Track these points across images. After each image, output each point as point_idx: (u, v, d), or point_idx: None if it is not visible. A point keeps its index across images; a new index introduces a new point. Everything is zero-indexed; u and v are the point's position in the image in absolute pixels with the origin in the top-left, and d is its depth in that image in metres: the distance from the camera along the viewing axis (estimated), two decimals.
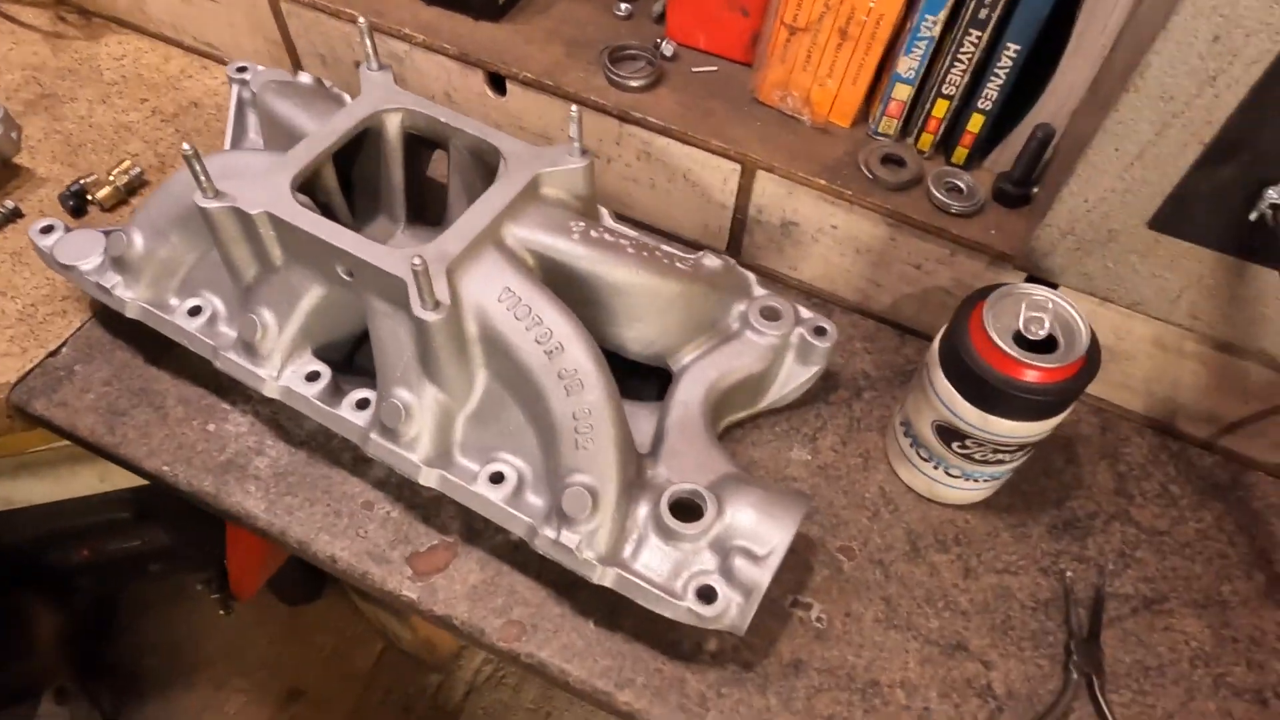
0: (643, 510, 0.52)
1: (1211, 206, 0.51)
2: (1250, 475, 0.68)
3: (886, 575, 0.60)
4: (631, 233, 0.62)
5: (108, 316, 0.67)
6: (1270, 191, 0.48)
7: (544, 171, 0.56)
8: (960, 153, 0.66)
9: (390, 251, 0.50)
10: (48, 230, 0.64)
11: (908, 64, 0.63)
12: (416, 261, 0.45)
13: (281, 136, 0.63)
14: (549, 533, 0.50)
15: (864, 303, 0.73)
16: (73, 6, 0.91)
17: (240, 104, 0.72)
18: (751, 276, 0.65)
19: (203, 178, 0.50)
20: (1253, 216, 0.50)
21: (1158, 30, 0.46)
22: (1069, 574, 0.61)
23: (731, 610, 0.50)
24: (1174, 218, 0.53)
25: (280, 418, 0.63)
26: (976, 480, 0.61)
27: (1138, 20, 0.53)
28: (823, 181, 0.65)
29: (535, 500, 0.53)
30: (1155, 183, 0.52)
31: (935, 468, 0.61)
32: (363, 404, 0.56)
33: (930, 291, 0.69)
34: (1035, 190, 0.64)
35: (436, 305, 0.48)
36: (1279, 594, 0.62)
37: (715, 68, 0.72)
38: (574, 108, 0.55)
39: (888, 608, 0.59)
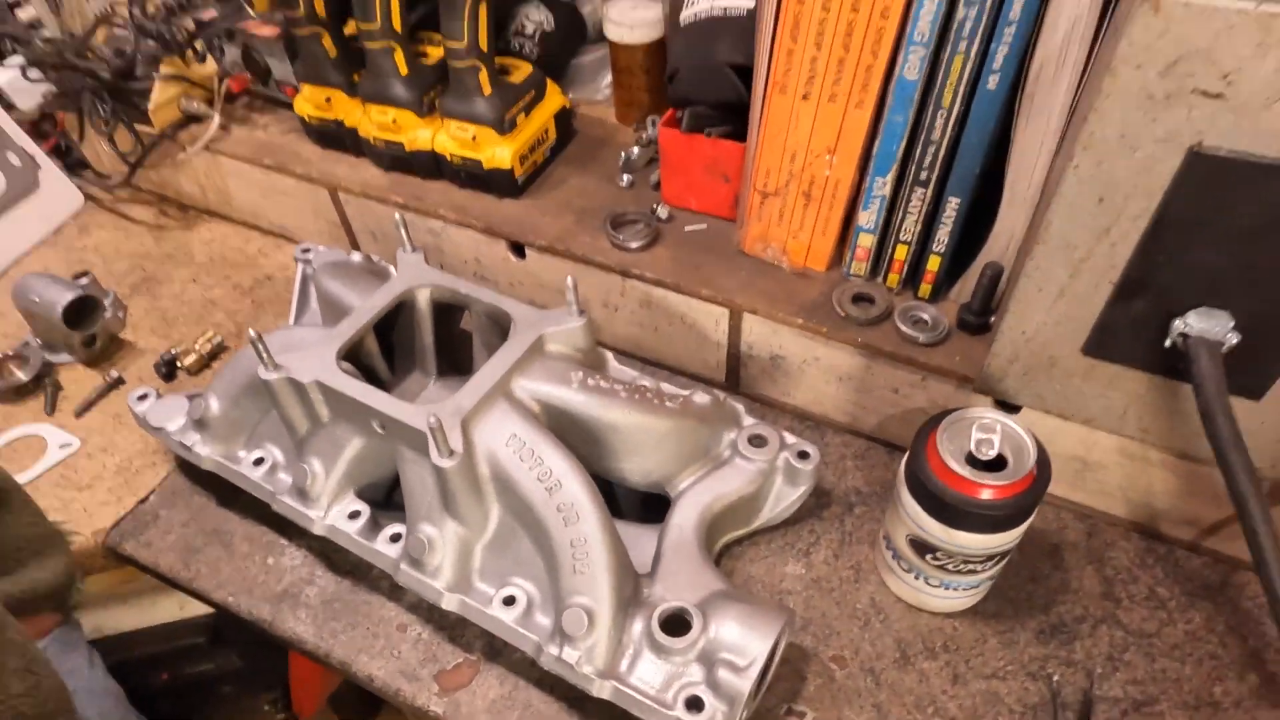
0: (638, 626, 0.58)
1: (1133, 335, 0.57)
2: (1240, 575, 0.70)
3: (877, 683, 0.64)
4: (630, 374, 0.71)
5: (187, 467, 0.78)
6: (1177, 322, 0.55)
7: (548, 331, 0.66)
8: (925, 288, 0.74)
9: (414, 409, 0.59)
10: (143, 398, 0.76)
11: (867, 217, 0.72)
12: (432, 419, 0.55)
13: (334, 310, 0.75)
14: (553, 650, 0.57)
15: (853, 424, 0.80)
16: (173, 203, 1.08)
17: (304, 280, 0.85)
18: (740, 407, 0.72)
19: (265, 355, 0.61)
20: (1167, 344, 0.56)
21: (1054, 192, 0.54)
22: (1056, 678, 0.64)
23: (718, 719, 0.55)
24: (1103, 345, 0.59)
25: (328, 550, 0.72)
26: (957, 589, 0.65)
27: (1050, 180, 0.61)
28: (800, 321, 0.73)
29: (543, 620, 0.60)
30: (1080, 316, 0.58)
31: (916, 578, 0.65)
32: (395, 538, 0.64)
33: (910, 412, 0.75)
34: (993, 319, 0.71)
35: (451, 454, 0.57)
36: (1274, 694, 0.63)
37: (704, 225, 0.82)
38: (569, 278, 0.65)
39: (879, 714, 0.63)
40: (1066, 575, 0.70)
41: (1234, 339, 0.53)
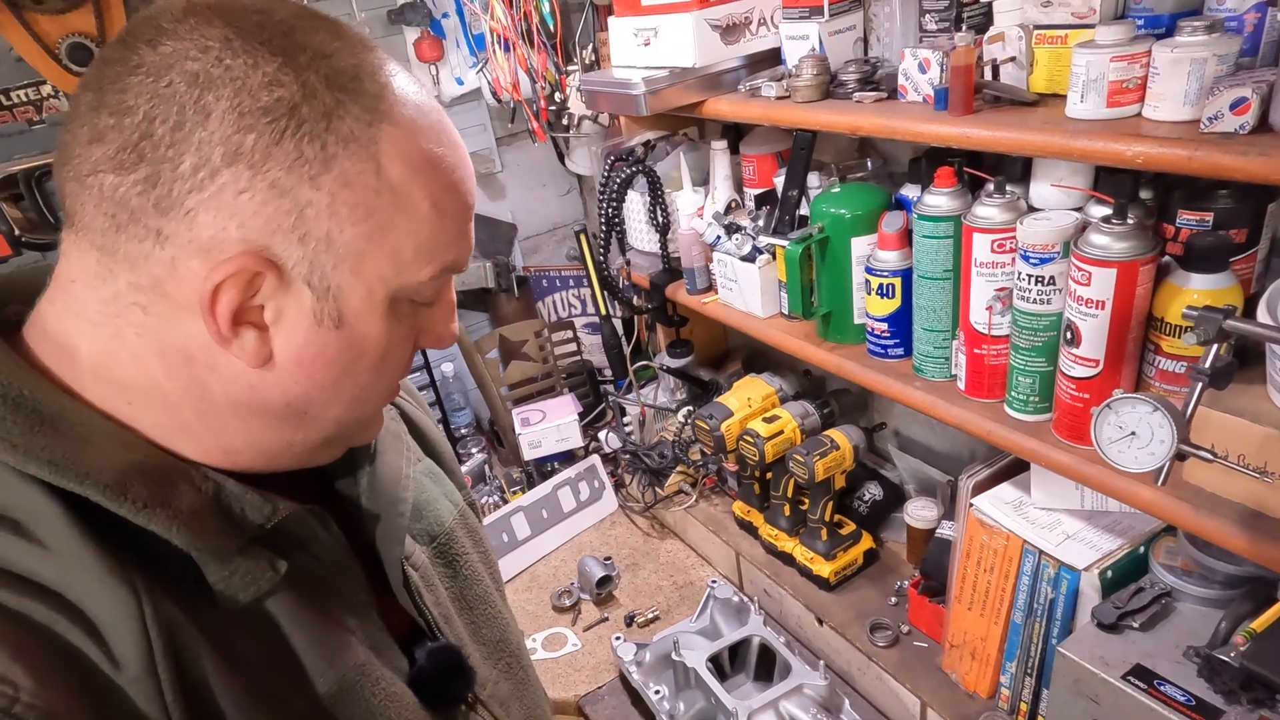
0: None
1: None
2: None
3: None
4: (856, 717, 1.30)
5: (624, 680, 1.54)
6: None
7: (807, 681, 1.30)
8: None
9: (731, 699, 1.27)
10: (617, 638, 1.55)
11: (1004, 679, 1.24)
12: (737, 708, 1.22)
13: (712, 624, 1.48)
14: None
15: None
16: (658, 522, 1.96)
17: (708, 599, 1.60)
18: None
19: (675, 649, 1.36)
20: None
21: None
22: None
23: None
24: None
25: None
26: None
27: None
28: None
29: None
30: None
31: None
32: None
33: None
34: None
35: None
36: None
37: (926, 645, 1.39)
38: (821, 663, 1.29)
39: None
40: None
41: None
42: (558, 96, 1.75)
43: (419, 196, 0.52)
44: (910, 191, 1.28)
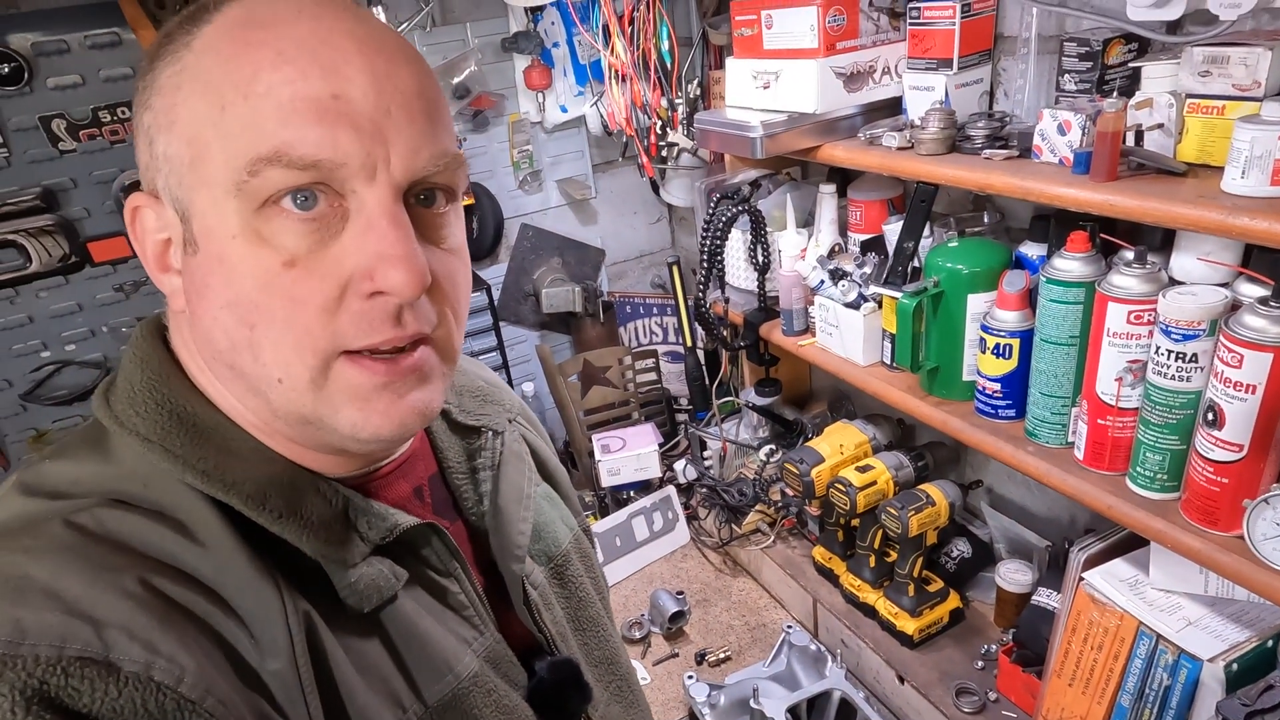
0: None
1: None
2: None
3: None
4: None
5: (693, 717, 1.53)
6: None
7: None
8: None
9: None
10: (690, 677, 1.53)
11: None
12: None
13: (788, 670, 1.45)
14: None
15: None
16: (730, 559, 1.94)
17: (782, 643, 1.57)
18: None
19: (754, 697, 1.33)
20: None
21: None
22: None
23: None
24: None
25: None
26: None
27: None
28: None
29: None
30: None
31: None
32: None
33: None
34: None
35: None
36: None
37: (1015, 715, 1.35)
38: None
39: None
40: None
41: None
42: (662, 129, 1.76)
43: (221, 82, 0.47)
44: (1030, 250, 1.25)
